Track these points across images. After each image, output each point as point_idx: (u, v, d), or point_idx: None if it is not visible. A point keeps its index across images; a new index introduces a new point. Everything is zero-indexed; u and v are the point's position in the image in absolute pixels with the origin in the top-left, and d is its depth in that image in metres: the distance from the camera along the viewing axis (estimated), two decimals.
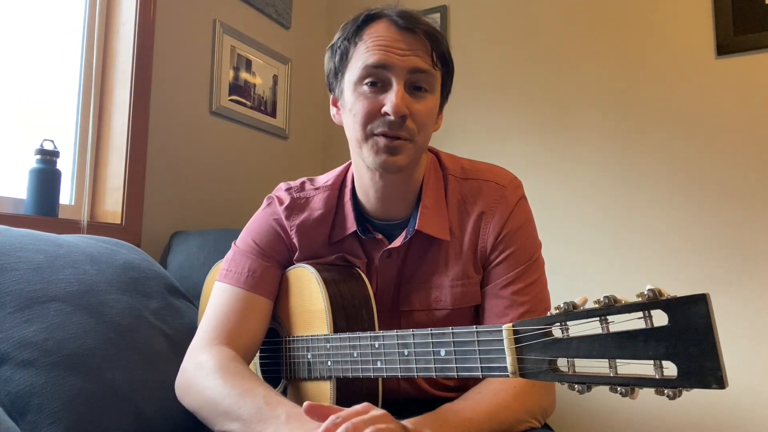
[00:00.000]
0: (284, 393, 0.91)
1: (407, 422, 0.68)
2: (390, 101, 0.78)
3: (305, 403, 0.66)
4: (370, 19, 0.83)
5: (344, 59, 0.84)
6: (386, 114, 0.78)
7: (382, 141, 0.80)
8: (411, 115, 0.79)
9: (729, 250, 1.54)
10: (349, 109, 0.83)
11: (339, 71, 0.85)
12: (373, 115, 0.80)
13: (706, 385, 0.46)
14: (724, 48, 1.57)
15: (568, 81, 1.81)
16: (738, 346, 1.48)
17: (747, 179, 1.53)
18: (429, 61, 0.81)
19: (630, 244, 1.66)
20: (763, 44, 1.53)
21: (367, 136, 0.81)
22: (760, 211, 1.51)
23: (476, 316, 0.90)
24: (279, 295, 0.93)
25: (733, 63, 1.57)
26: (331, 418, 0.62)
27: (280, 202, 0.94)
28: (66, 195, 1.44)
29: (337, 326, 0.82)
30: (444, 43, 0.84)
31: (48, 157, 1.30)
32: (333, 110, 0.91)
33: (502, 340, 0.60)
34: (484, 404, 0.75)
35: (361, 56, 0.81)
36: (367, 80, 0.80)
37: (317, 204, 0.92)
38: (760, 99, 1.53)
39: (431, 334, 0.67)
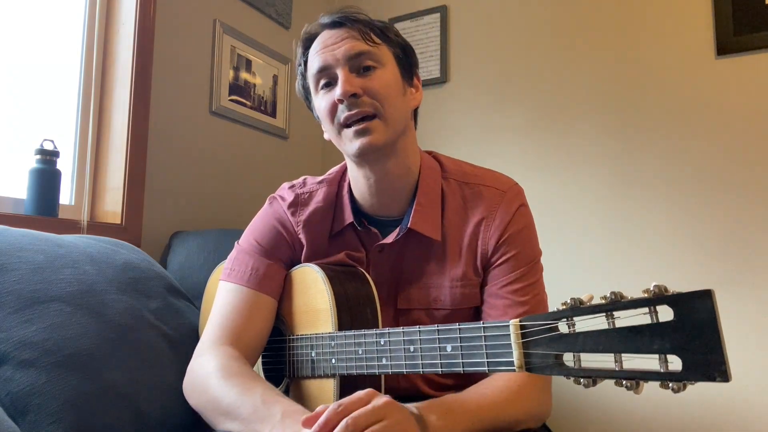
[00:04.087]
0: (286, 391, 0.91)
1: (412, 406, 0.69)
2: (337, 89, 0.83)
3: (303, 418, 0.64)
4: (310, 39, 0.90)
5: (304, 80, 0.92)
6: (340, 101, 0.83)
7: (350, 129, 0.84)
8: (366, 92, 0.83)
9: (730, 249, 1.54)
10: (319, 115, 0.90)
11: (307, 92, 0.93)
12: (333, 107, 0.85)
13: (711, 378, 0.47)
14: (724, 48, 1.58)
15: (567, 81, 1.81)
16: (739, 344, 1.48)
17: (747, 179, 1.54)
18: (363, 40, 0.85)
19: (631, 244, 1.66)
20: (763, 44, 1.53)
21: (338, 130, 0.86)
22: (761, 211, 1.51)
23: (476, 317, 0.90)
24: (283, 294, 0.93)
25: (733, 63, 1.58)
26: (333, 406, 0.61)
27: (283, 200, 0.95)
28: (66, 195, 1.44)
29: (342, 325, 0.82)
30: (376, 21, 0.89)
31: (48, 157, 1.30)
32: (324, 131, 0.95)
33: (509, 335, 0.60)
34: (488, 399, 0.76)
35: (310, 69, 0.89)
36: (320, 84, 0.87)
37: (320, 197, 0.95)
38: (760, 99, 1.54)
39: (438, 330, 0.68)
